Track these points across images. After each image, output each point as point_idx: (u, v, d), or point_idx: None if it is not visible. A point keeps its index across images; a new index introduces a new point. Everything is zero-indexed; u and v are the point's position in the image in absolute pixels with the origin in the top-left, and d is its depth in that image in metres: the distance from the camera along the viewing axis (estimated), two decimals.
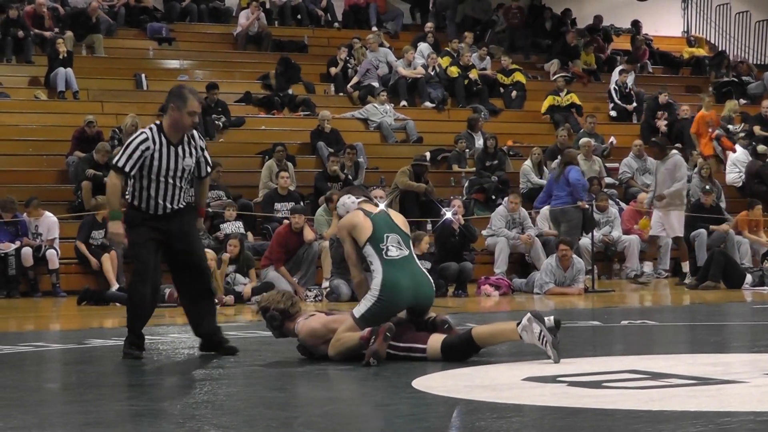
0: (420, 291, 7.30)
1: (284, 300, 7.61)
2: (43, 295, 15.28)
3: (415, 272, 7.32)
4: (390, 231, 7.40)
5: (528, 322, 6.89)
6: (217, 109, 20.10)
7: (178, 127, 7.78)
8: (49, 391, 6.63)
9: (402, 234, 7.46)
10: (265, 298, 7.80)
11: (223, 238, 15.44)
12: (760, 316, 11.83)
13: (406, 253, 7.36)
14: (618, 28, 28.39)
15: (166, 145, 7.76)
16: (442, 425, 5.17)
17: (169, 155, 7.77)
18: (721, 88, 25.59)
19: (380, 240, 7.32)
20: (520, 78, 23.59)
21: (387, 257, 7.28)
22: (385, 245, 7.31)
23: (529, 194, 18.81)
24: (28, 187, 16.96)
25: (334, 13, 25.95)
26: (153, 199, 7.80)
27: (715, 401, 5.51)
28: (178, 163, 7.80)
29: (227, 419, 5.28)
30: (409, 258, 7.37)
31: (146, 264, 7.84)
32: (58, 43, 20.41)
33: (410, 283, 7.25)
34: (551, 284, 14.88)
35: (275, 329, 7.61)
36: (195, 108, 7.78)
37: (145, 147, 7.71)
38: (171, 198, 7.84)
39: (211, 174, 8.28)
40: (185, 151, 7.85)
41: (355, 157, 18.74)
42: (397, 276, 7.23)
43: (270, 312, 7.57)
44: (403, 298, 7.24)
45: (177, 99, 7.77)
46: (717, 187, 19.31)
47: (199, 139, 8.04)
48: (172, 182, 7.81)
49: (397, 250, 7.32)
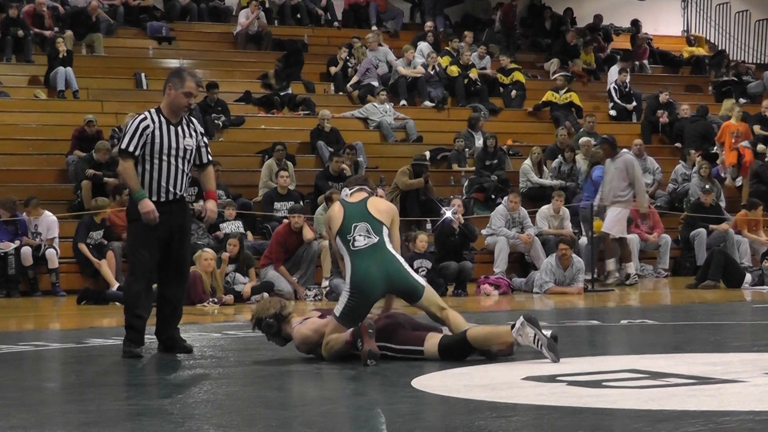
0: (392, 275, 7.22)
1: (272, 305, 7.56)
2: (43, 295, 15.29)
3: (384, 258, 7.24)
4: (360, 220, 7.32)
5: (521, 326, 6.89)
6: (216, 109, 20.10)
7: (174, 107, 7.91)
8: (49, 391, 6.63)
9: (373, 221, 7.35)
10: (254, 311, 7.70)
11: (222, 238, 15.45)
12: (760, 315, 11.83)
13: (375, 240, 7.27)
14: (618, 28, 28.40)
15: (165, 124, 7.88)
16: (442, 425, 5.16)
17: (170, 133, 7.88)
18: (720, 88, 25.59)
19: (347, 231, 7.27)
20: (520, 77, 23.60)
21: (354, 248, 7.23)
22: (352, 236, 7.25)
23: (528, 193, 18.81)
24: (28, 187, 16.97)
25: (334, 13, 25.97)
26: (156, 182, 7.85)
27: (714, 400, 5.50)
28: (180, 142, 7.90)
29: (227, 418, 5.28)
30: (379, 245, 7.27)
31: (144, 263, 7.88)
32: (57, 42, 20.41)
33: (379, 270, 7.19)
34: (551, 283, 14.88)
35: (274, 336, 7.56)
36: (191, 89, 7.92)
37: (144, 126, 7.83)
38: (174, 181, 7.89)
39: (212, 162, 8.32)
40: (185, 131, 7.96)
41: (354, 157, 18.75)
42: (364, 266, 7.18)
43: (264, 321, 7.52)
44: (375, 288, 7.19)
45: (175, 79, 7.94)
46: (716, 187, 19.31)
47: (198, 125, 8.15)
48: (175, 162, 7.87)
49: (364, 239, 7.25)
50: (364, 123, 21.35)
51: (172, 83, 7.91)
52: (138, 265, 7.92)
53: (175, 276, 8.06)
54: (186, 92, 7.88)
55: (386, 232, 7.38)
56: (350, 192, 7.61)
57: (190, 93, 7.93)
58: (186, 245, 8.15)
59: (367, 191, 7.63)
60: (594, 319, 10.97)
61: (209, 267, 13.65)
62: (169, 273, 8.03)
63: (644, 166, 20.14)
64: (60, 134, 18.83)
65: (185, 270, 8.23)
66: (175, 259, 8.02)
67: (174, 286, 8.08)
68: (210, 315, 12.49)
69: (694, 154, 20.47)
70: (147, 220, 7.76)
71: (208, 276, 13.64)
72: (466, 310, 12.62)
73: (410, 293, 7.33)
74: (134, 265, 8.00)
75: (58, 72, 20.26)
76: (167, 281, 8.06)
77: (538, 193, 18.84)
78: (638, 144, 20.30)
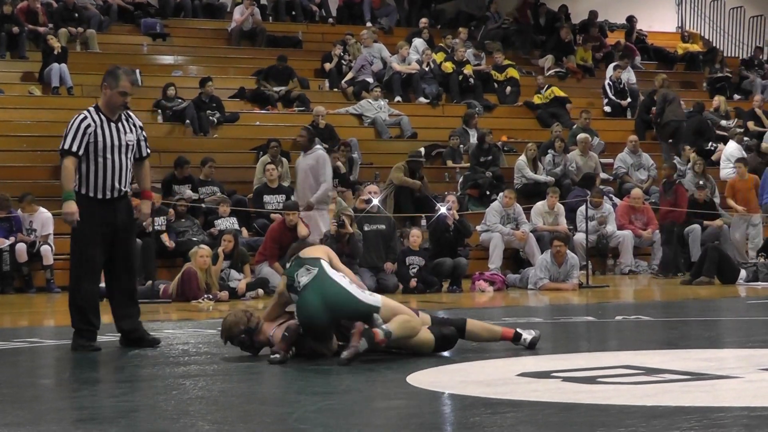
0: (334, 302, 7.16)
1: (240, 321, 7.50)
2: (38, 291, 15.27)
3: (324, 287, 7.20)
4: (297, 268, 7.33)
5: None
6: (211, 105, 20.08)
7: (111, 105, 8.08)
8: (43, 387, 6.63)
9: (308, 260, 7.36)
10: (222, 329, 7.59)
11: (217, 234, 15.44)
12: (754, 311, 11.84)
13: (315, 272, 7.27)
14: (612, 24, 28.40)
15: (106, 122, 8.05)
16: (437, 421, 5.17)
17: (111, 130, 8.04)
18: (715, 84, 25.62)
19: (293, 281, 7.31)
20: (514, 74, 23.60)
21: (300, 288, 7.25)
22: (297, 281, 7.28)
23: (523, 190, 18.81)
24: (23, 183, 16.95)
25: (329, 9, 25.95)
26: (101, 179, 7.99)
27: (709, 396, 5.51)
28: (121, 138, 8.07)
29: (221, 415, 5.28)
30: (319, 275, 7.25)
31: (93, 260, 8.03)
32: (50, 39, 20.40)
33: (318, 299, 7.16)
34: (546, 280, 14.88)
35: (249, 349, 7.55)
36: (126, 88, 8.09)
37: (86, 125, 7.99)
38: (119, 177, 8.05)
39: (150, 155, 8.47)
40: (125, 126, 8.13)
41: (349, 153, 18.74)
42: (306, 298, 7.19)
43: (236, 339, 7.51)
44: (316, 315, 7.15)
45: (110, 78, 8.11)
46: (711, 183, 19.32)
47: (137, 119, 8.35)
48: (119, 159, 8.04)
49: (306, 277, 7.26)
50: (359, 119, 21.34)
51: (108, 83, 8.08)
52: (87, 264, 8.05)
53: (123, 272, 8.20)
54: (121, 91, 8.05)
55: (326, 265, 7.35)
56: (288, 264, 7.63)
57: (125, 92, 8.08)
58: (132, 241, 8.39)
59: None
60: (589, 316, 10.98)
61: (205, 264, 13.63)
62: (117, 270, 8.17)
63: (639, 162, 20.18)
64: (54, 131, 18.74)
65: (132, 265, 8.37)
66: (122, 255, 8.16)
67: (124, 281, 8.23)
68: (205, 311, 12.48)
69: (689, 150, 20.49)
70: (66, 220, 7.96)
71: (203, 272, 13.63)
72: (461, 306, 12.64)
73: (362, 317, 7.15)
74: (83, 264, 8.09)
75: (53, 68, 20.24)
76: (116, 278, 8.20)
77: (533, 189, 18.84)
78: (633, 141, 20.33)
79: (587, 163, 19.54)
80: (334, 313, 7.18)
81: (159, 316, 11.58)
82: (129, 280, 8.30)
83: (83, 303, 8.03)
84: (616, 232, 17.79)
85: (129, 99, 8.19)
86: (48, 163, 18.19)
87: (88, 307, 8.02)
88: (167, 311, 12.33)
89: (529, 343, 7.57)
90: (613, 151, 21.03)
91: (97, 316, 8.10)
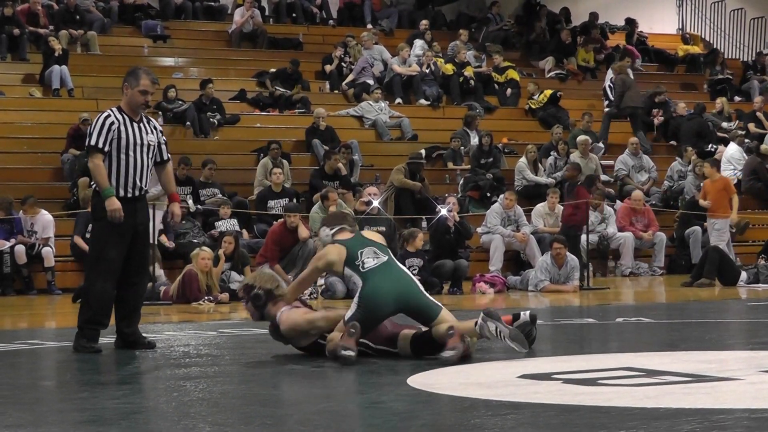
0: (404, 294, 7.18)
1: (269, 280, 7.62)
2: (39, 293, 15.28)
3: (396, 276, 7.24)
4: (363, 246, 7.35)
5: (483, 321, 7.03)
6: (211, 107, 20.09)
7: (132, 105, 8.15)
8: (44, 389, 6.62)
9: (377, 245, 7.41)
10: (251, 276, 7.83)
11: (218, 236, 15.44)
12: (755, 313, 11.83)
13: (385, 259, 7.30)
14: (613, 26, 28.39)
15: (129, 121, 8.10)
16: (437, 423, 5.17)
17: (134, 129, 8.10)
18: (716, 86, 25.62)
19: (354, 258, 7.28)
20: (514, 75, 23.61)
21: (364, 269, 7.23)
22: (360, 260, 7.25)
23: (524, 192, 18.82)
24: (24, 185, 16.96)
25: (329, 11, 25.96)
26: (123, 176, 8.02)
27: (710, 398, 5.51)
28: (144, 138, 8.13)
29: (222, 417, 5.27)
30: (389, 262, 7.30)
31: (111, 262, 8.00)
32: (51, 40, 20.40)
33: (391, 286, 7.17)
34: (546, 282, 14.89)
35: (257, 309, 7.59)
36: (146, 86, 8.14)
37: (110, 122, 8.05)
38: (140, 175, 8.10)
39: (170, 159, 8.51)
40: (146, 128, 8.19)
41: (350, 155, 18.74)
42: (376, 282, 7.17)
43: (255, 291, 7.57)
44: (385, 304, 7.14)
45: (131, 78, 8.19)
46: None
47: (156, 122, 8.43)
48: (141, 157, 8.09)
49: (374, 260, 7.26)
50: (360, 121, 21.36)
51: (128, 82, 8.16)
52: (105, 265, 8.02)
53: (137, 275, 8.20)
54: (141, 90, 8.10)
55: (390, 254, 7.41)
56: (331, 231, 7.63)
57: (146, 90, 8.13)
58: (148, 243, 8.41)
59: (349, 230, 7.64)
60: (589, 317, 10.98)
61: (206, 266, 13.63)
62: (131, 272, 8.14)
63: (640, 164, 20.18)
64: (55, 132, 18.82)
65: (147, 268, 8.47)
66: (138, 257, 8.18)
67: (138, 285, 8.24)
68: (206, 313, 12.48)
69: (690, 152, 20.49)
70: (112, 218, 7.91)
71: (204, 274, 13.63)
72: (461, 308, 12.62)
73: (424, 314, 7.22)
74: (100, 264, 8.06)
75: (53, 70, 20.25)
76: (130, 280, 8.16)
77: (534, 191, 18.86)
78: (634, 143, 20.33)
79: (588, 165, 19.54)
80: (401, 304, 7.18)
81: (159, 318, 11.58)
82: (142, 285, 8.32)
83: (95, 302, 8.00)
84: (617, 234, 17.79)
85: (150, 98, 8.27)
86: (49, 165, 18.21)
87: (100, 306, 7.98)
88: (168, 313, 12.33)
89: (530, 316, 7.44)
90: (614, 153, 21.04)
91: (108, 315, 8.07)
